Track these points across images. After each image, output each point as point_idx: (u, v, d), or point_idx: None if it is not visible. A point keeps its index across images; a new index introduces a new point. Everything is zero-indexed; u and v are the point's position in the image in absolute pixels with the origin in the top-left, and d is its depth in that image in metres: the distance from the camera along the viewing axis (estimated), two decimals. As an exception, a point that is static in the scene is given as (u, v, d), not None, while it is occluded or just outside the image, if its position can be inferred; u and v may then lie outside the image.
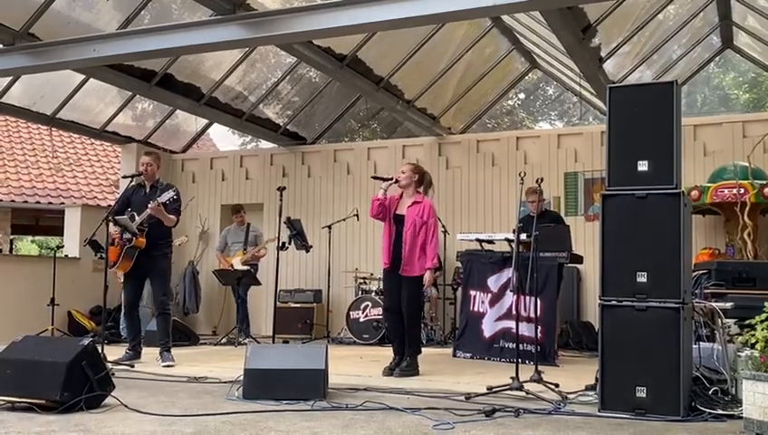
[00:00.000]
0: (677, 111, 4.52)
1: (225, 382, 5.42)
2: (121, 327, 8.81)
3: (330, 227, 10.23)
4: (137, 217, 6.84)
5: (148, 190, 7.08)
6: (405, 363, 6.18)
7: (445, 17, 6.54)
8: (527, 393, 4.85)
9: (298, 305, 10.39)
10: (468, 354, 7.68)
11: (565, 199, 9.70)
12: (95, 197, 14.38)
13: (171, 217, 6.93)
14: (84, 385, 4.30)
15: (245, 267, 9.74)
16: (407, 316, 6.28)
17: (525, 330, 6.95)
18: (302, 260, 10.71)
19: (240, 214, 10.27)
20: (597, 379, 4.56)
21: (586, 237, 8.88)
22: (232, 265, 9.83)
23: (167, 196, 6.84)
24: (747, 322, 4.37)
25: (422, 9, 5.70)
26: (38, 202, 13.92)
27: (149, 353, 7.13)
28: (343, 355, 7.81)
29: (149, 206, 6.74)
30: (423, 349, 6.57)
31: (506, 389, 4.92)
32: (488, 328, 7.63)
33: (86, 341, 4.49)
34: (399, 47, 9.19)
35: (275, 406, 4.50)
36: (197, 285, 11.16)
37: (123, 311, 7.74)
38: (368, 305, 9.45)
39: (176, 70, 9.22)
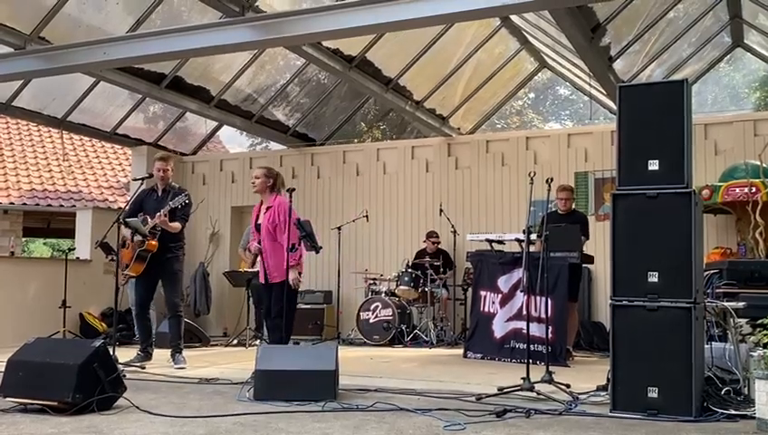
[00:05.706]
0: (688, 109, 4.50)
1: (236, 384, 5.43)
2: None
3: (340, 228, 10.23)
4: (149, 221, 6.85)
5: (160, 194, 7.09)
6: None
7: (453, 18, 6.53)
8: (538, 394, 4.84)
9: (308, 306, 10.40)
10: (479, 355, 7.67)
11: (575, 199, 9.65)
12: (106, 199, 14.45)
13: (175, 224, 6.92)
14: (96, 387, 4.32)
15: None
16: (283, 322, 5.99)
17: (536, 330, 6.92)
18: (313, 261, 10.70)
19: None
20: (608, 379, 4.54)
21: (597, 237, 8.83)
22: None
23: (179, 200, 6.86)
24: (759, 321, 4.35)
25: (431, 10, 5.68)
26: (50, 205, 13.99)
27: (161, 355, 7.16)
28: (353, 356, 7.82)
29: (157, 216, 6.76)
30: (434, 349, 6.51)
31: (517, 389, 4.90)
32: (499, 328, 7.62)
33: (98, 343, 4.51)
34: (408, 48, 9.20)
35: (286, 407, 4.51)
36: (208, 287, 11.20)
37: (134, 313, 7.76)
38: (378, 306, 9.45)
39: (185, 72, 9.27)
